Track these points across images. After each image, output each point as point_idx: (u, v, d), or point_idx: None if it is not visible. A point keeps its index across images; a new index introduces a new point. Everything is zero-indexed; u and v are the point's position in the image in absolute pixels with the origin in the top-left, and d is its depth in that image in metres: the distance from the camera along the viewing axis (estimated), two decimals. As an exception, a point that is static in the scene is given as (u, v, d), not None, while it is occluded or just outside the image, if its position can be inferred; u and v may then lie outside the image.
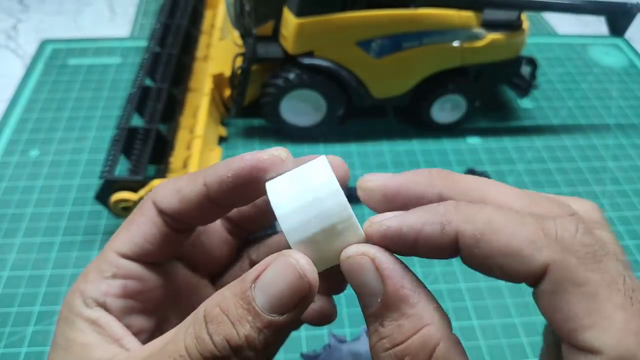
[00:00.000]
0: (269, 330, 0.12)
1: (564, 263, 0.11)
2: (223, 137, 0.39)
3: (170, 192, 0.15)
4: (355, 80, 0.36)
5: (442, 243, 0.12)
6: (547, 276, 0.11)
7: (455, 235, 0.12)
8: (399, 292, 0.12)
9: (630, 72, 0.49)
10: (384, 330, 0.12)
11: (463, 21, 0.35)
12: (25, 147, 0.38)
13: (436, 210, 0.12)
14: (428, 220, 0.12)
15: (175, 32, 0.41)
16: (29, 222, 0.33)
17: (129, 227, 0.15)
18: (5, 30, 0.51)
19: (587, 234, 0.11)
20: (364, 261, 0.12)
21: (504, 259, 0.11)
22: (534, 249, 0.11)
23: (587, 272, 0.10)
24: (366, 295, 0.12)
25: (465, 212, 0.12)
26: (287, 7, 0.34)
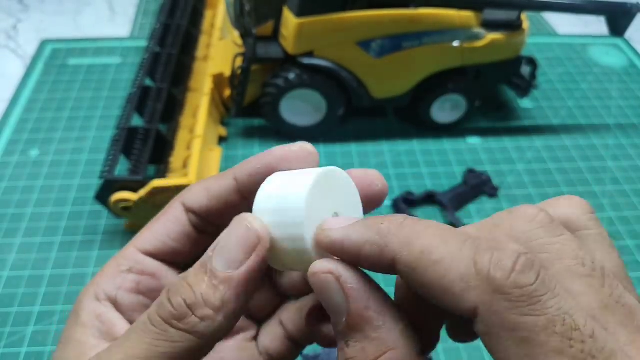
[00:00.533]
0: (225, 286, 0.12)
1: (494, 307, 0.10)
2: (223, 137, 0.39)
3: (198, 191, 0.15)
4: (356, 80, 0.36)
5: (381, 265, 0.11)
6: (478, 318, 0.10)
7: (392, 260, 0.11)
8: (363, 314, 0.11)
9: (630, 72, 0.49)
10: (349, 351, 0.11)
11: (463, 21, 0.35)
12: (25, 147, 0.38)
13: (378, 229, 0.11)
14: (369, 239, 0.11)
15: (175, 32, 0.41)
16: (29, 222, 0.33)
17: (154, 224, 0.16)
18: (5, 30, 0.51)
19: (524, 272, 0.10)
20: (328, 279, 0.11)
21: (437, 293, 0.10)
22: (464, 288, 0.10)
23: (519, 317, 0.10)
24: (333, 312, 0.12)
25: (406, 234, 0.11)
26: (287, 7, 0.34)
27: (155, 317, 0.12)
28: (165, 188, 0.29)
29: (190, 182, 0.29)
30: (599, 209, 0.36)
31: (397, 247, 0.11)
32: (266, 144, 0.39)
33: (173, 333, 0.12)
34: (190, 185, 0.16)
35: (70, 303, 0.29)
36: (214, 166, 0.35)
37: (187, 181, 0.29)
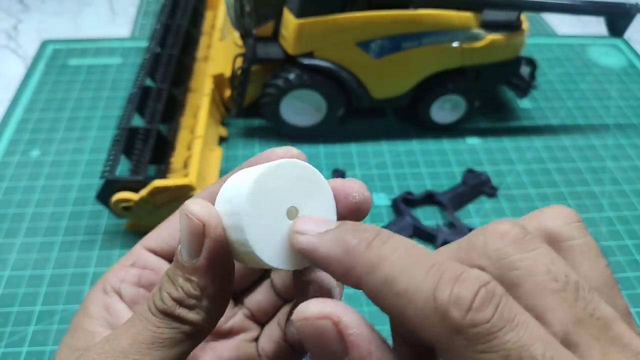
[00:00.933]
0: (196, 275, 0.13)
1: (451, 344, 0.09)
2: (223, 137, 0.39)
3: (207, 193, 0.16)
4: (355, 80, 0.36)
5: (348, 284, 0.11)
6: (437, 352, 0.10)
7: (358, 282, 0.11)
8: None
9: (629, 73, 0.49)
10: None
11: (462, 22, 0.35)
12: (26, 147, 0.38)
13: (346, 247, 0.11)
14: (337, 256, 0.11)
15: (175, 32, 0.41)
16: (29, 222, 0.33)
17: (162, 225, 0.16)
18: (5, 31, 0.51)
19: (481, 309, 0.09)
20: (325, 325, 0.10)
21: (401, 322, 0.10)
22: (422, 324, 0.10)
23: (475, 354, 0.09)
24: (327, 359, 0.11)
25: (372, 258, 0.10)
26: (287, 8, 0.34)
27: (154, 307, 0.13)
28: (165, 188, 0.29)
29: (191, 182, 0.29)
30: (598, 209, 0.36)
31: (363, 272, 0.10)
32: (266, 144, 0.39)
33: (171, 321, 0.13)
34: (196, 194, 0.17)
35: (71, 302, 0.29)
36: (215, 166, 0.35)
37: (187, 181, 0.29)
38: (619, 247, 0.33)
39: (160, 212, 0.30)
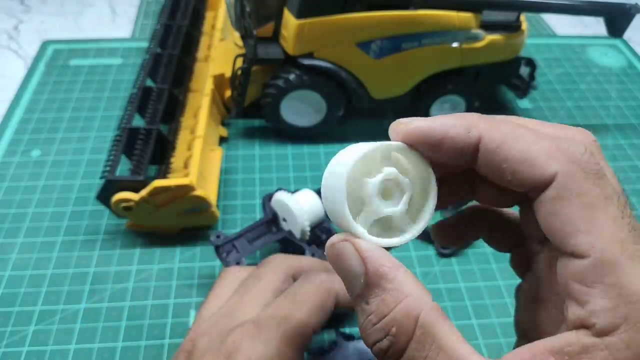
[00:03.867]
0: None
1: (571, 173, 0.12)
2: (224, 137, 0.39)
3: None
4: (355, 81, 0.36)
5: (465, 144, 0.13)
6: (554, 183, 0.12)
7: (479, 138, 0.13)
8: (379, 270, 0.13)
9: (628, 73, 0.49)
10: (369, 307, 0.13)
11: (462, 22, 0.35)
12: (27, 148, 0.38)
13: (463, 117, 0.13)
14: (455, 123, 0.13)
15: (176, 33, 0.41)
16: (30, 222, 0.33)
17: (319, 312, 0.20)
18: (6, 31, 0.52)
19: (593, 156, 0.12)
20: (346, 246, 0.13)
21: (519, 165, 0.12)
22: (547, 158, 0.12)
23: (589, 185, 0.12)
24: (351, 278, 0.13)
25: (489, 120, 0.13)
26: (287, 9, 0.34)
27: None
28: (166, 188, 0.29)
29: (191, 182, 0.30)
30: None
31: (483, 128, 0.13)
32: (266, 144, 0.39)
33: None
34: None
35: (71, 302, 0.29)
36: (215, 166, 0.35)
37: (188, 181, 0.29)
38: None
39: (161, 212, 0.30)
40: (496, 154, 0.13)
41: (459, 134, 0.13)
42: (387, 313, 0.12)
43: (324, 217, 0.30)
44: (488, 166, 0.13)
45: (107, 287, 0.29)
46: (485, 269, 0.31)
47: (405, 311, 0.12)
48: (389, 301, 0.12)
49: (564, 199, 0.12)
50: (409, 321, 0.12)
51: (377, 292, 0.13)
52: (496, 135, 0.13)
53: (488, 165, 0.13)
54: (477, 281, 0.31)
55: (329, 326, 0.26)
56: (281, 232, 0.30)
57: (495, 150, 0.13)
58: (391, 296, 0.12)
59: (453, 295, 0.30)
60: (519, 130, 0.13)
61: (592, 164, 0.12)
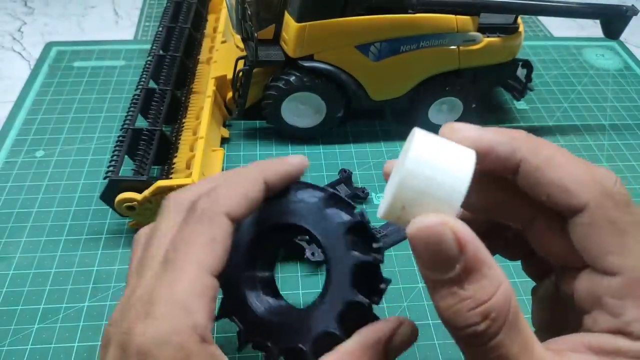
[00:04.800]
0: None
1: (603, 204, 0.13)
2: (225, 138, 0.40)
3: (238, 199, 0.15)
4: (355, 83, 0.37)
5: (508, 163, 0.14)
6: (586, 211, 0.13)
7: (520, 160, 0.14)
8: (479, 256, 0.13)
9: (625, 74, 0.50)
10: (466, 292, 0.13)
11: (460, 25, 0.36)
12: (31, 148, 0.39)
13: (510, 136, 0.14)
14: (502, 140, 0.14)
15: (178, 35, 0.41)
16: (34, 221, 0.33)
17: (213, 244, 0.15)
18: (10, 33, 0.52)
19: (622, 187, 0.14)
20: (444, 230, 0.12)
21: (554, 190, 0.14)
22: (580, 188, 0.13)
23: (619, 214, 0.13)
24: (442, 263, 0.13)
25: (532, 143, 0.14)
26: (288, 12, 0.35)
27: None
28: (169, 188, 0.29)
29: (194, 182, 0.30)
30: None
31: (526, 151, 0.14)
32: (267, 144, 0.40)
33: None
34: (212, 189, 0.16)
35: (74, 301, 0.29)
36: (217, 166, 0.36)
37: (190, 181, 0.30)
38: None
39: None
40: (535, 176, 0.14)
41: (505, 152, 0.14)
42: (487, 299, 0.12)
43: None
44: (526, 184, 0.14)
45: (110, 286, 0.30)
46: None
47: (504, 297, 0.13)
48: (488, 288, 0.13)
49: (596, 225, 0.13)
50: (507, 307, 0.13)
51: (475, 278, 0.13)
52: (536, 160, 0.14)
53: (526, 183, 0.14)
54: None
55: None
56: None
57: (534, 172, 0.14)
58: (490, 282, 0.13)
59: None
60: (559, 156, 0.14)
61: (621, 194, 0.13)
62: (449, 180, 0.13)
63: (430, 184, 0.13)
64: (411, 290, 0.30)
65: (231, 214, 0.15)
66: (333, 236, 0.17)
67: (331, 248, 0.17)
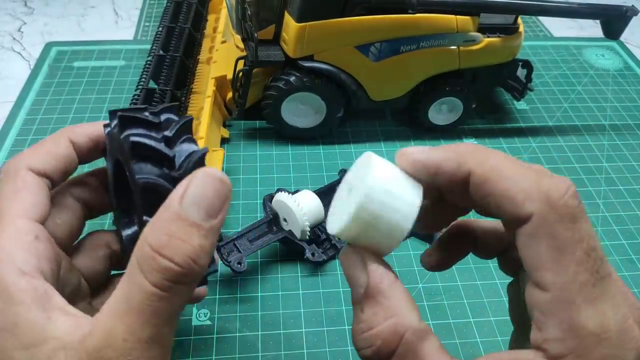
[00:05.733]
0: (211, 233, 0.14)
1: (546, 217, 0.13)
2: (225, 138, 0.40)
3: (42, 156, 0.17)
4: (355, 83, 0.37)
5: (456, 177, 0.14)
6: (530, 222, 0.13)
7: (468, 173, 0.14)
8: (378, 286, 0.14)
9: (625, 74, 0.50)
10: (363, 315, 0.14)
11: (460, 25, 0.36)
12: (31, 148, 0.39)
13: (456, 151, 0.14)
14: (447, 157, 0.14)
15: (178, 35, 0.41)
16: (35, 222, 0.33)
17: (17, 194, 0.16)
18: (10, 33, 0.52)
19: (572, 198, 0.13)
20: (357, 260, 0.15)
21: (501, 200, 0.13)
22: (526, 199, 0.13)
23: (561, 229, 0.13)
24: (354, 285, 0.15)
25: (479, 155, 0.14)
26: (288, 12, 0.35)
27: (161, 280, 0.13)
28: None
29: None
30: (594, 208, 0.37)
31: (472, 164, 0.14)
32: (267, 144, 0.40)
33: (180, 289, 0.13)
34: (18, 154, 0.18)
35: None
36: (217, 166, 0.36)
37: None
38: (614, 246, 0.34)
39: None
40: (482, 188, 0.14)
41: (451, 168, 0.14)
42: (376, 325, 0.14)
43: (323, 217, 0.30)
44: (477, 197, 0.14)
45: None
46: (482, 267, 0.32)
47: (392, 328, 0.13)
48: (380, 316, 0.14)
49: (537, 237, 0.13)
50: (394, 337, 0.13)
51: (372, 304, 0.14)
52: (483, 171, 0.14)
53: (476, 196, 0.14)
54: (474, 280, 0.31)
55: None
56: (282, 232, 0.30)
57: (482, 185, 0.14)
58: (383, 311, 0.14)
59: (451, 294, 0.30)
60: (504, 167, 0.14)
61: (568, 206, 0.13)
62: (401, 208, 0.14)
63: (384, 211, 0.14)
64: (411, 291, 0.30)
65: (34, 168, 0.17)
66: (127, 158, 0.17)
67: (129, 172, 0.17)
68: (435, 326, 0.29)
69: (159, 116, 0.18)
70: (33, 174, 0.17)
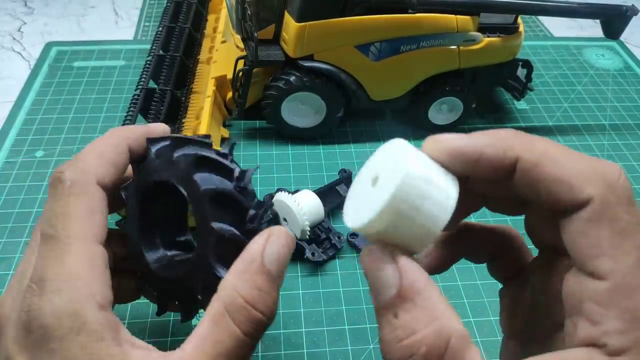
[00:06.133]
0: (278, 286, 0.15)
1: (606, 199, 0.12)
2: (225, 138, 0.40)
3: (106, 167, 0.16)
4: (355, 83, 0.37)
5: (502, 164, 0.13)
6: (589, 207, 0.12)
7: (516, 159, 0.13)
8: (415, 285, 0.12)
9: (625, 74, 0.50)
10: (397, 321, 0.12)
11: (460, 25, 0.36)
12: (31, 148, 0.39)
13: (499, 136, 0.13)
14: (491, 143, 0.13)
15: (178, 35, 0.41)
16: (34, 222, 0.33)
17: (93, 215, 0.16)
18: (10, 33, 0.52)
19: (626, 181, 0.12)
20: (385, 255, 0.13)
21: (555, 186, 0.12)
22: (583, 181, 0.12)
23: (621, 212, 0.12)
24: (383, 286, 0.13)
25: (525, 140, 0.13)
26: (288, 12, 0.35)
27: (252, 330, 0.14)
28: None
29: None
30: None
31: (520, 149, 0.13)
32: (267, 144, 0.40)
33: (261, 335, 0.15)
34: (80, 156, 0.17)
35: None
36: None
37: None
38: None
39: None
40: (533, 174, 0.13)
41: (496, 155, 0.13)
42: (417, 330, 0.12)
43: (323, 217, 0.30)
44: (524, 185, 0.13)
45: (111, 286, 0.30)
46: (482, 267, 0.32)
47: (437, 332, 0.12)
48: (421, 319, 0.12)
49: (597, 222, 0.12)
50: (440, 343, 0.12)
51: (409, 307, 0.12)
52: (533, 156, 0.13)
53: (524, 184, 0.13)
54: (474, 280, 0.31)
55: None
56: (282, 231, 0.30)
57: (532, 170, 0.13)
58: (424, 314, 0.12)
59: (451, 294, 0.30)
60: (555, 150, 0.13)
61: (625, 189, 0.12)
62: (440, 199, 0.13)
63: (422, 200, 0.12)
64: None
65: (101, 182, 0.16)
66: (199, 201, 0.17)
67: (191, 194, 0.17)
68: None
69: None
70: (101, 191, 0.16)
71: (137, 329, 0.28)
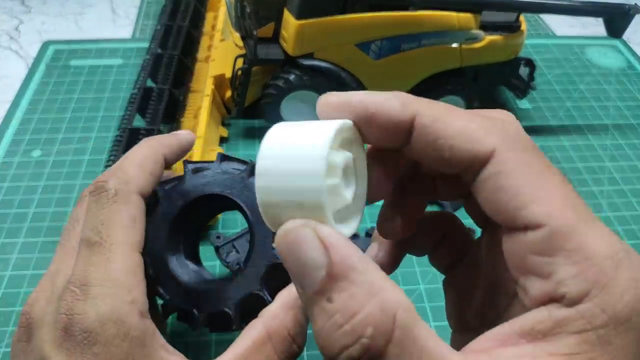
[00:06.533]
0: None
1: (511, 146, 0.12)
2: (224, 137, 0.39)
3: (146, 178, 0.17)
4: (355, 81, 0.37)
5: (400, 119, 0.12)
6: (495, 158, 0.11)
7: (414, 114, 0.12)
8: (346, 260, 0.10)
9: (628, 73, 0.50)
10: (333, 305, 0.10)
11: (462, 23, 0.35)
12: (28, 148, 0.38)
13: (398, 94, 0.12)
14: (390, 98, 0.12)
15: (176, 33, 0.41)
16: (31, 222, 0.33)
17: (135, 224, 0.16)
18: (7, 32, 0.52)
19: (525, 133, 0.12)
20: (305, 232, 0.11)
21: (456, 140, 0.12)
22: (485, 133, 0.12)
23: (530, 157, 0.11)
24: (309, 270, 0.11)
25: (424, 100, 0.12)
26: (287, 10, 0.35)
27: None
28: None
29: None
30: (597, 208, 0.36)
31: (419, 105, 0.12)
32: (266, 144, 0.39)
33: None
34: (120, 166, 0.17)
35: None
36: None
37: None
38: (617, 246, 0.34)
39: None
40: (432, 129, 0.12)
41: (394, 107, 0.12)
42: (358, 310, 0.10)
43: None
44: (424, 144, 0.12)
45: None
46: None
47: (382, 307, 0.10)
48: (360, 296, 0.10)
49: (509, 171, 0.11)
50: (387, 319, 0.10)
51: (344, 286, 0.10)
52: (432, 112, 0.12)
53: (424, 142, 0.12)
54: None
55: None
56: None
57: (431, 125, 0.12)
58: (362, 290, 0.10)
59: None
60: (452, 109, 0.12)
61: (525, 136, 0.12)
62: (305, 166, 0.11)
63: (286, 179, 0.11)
64: (412, 292, 0.30)
65: (142, 193, 0.17)
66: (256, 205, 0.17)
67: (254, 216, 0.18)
68: (438, 328, 0.28)
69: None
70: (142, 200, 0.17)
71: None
